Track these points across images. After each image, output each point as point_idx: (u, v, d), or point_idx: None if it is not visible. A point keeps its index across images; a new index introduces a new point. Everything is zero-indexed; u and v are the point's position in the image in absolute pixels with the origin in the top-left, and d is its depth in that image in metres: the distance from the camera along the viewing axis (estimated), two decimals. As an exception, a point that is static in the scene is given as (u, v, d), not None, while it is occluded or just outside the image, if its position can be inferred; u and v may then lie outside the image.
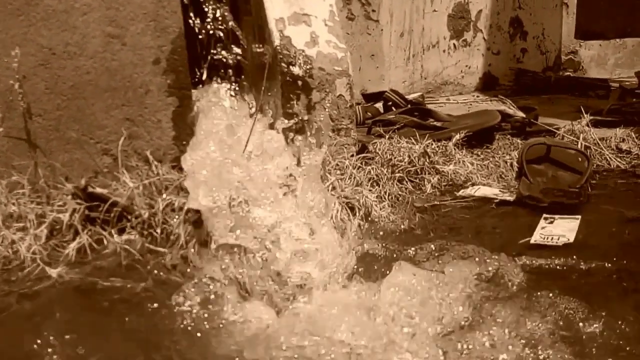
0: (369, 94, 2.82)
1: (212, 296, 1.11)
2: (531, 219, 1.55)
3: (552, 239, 1.41)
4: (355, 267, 1.24)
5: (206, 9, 1.94)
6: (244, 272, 1.18)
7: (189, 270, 1.29)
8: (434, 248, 1.32)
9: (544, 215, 1.52)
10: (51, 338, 1.08)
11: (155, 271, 1.30)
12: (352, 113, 1.85)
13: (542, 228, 1.46)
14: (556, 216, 1.51)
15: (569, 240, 1.40)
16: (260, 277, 1.18)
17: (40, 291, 1.25)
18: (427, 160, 1.82)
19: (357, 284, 1.13)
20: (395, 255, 1.33)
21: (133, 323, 1.12)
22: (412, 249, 1.34)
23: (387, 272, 1.13)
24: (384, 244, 1.38)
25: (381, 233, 1.47)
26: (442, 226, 1.54)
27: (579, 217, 1.50)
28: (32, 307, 1.20)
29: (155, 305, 1.15)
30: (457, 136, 1.97)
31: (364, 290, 1.09)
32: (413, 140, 1.89)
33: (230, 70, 2.04)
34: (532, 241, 1.41)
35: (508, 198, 1.67)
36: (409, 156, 1.81)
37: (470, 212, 1.62)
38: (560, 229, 1.45)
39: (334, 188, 1.60)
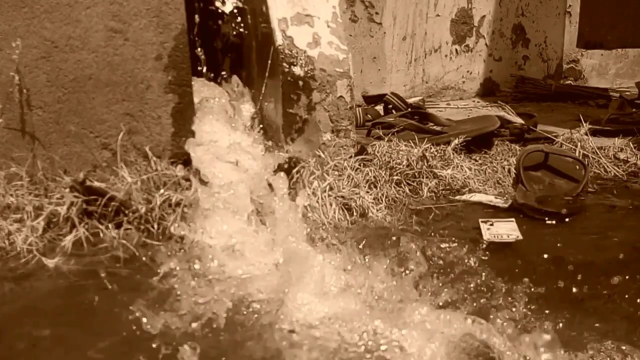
0: (369, 96, 2.83)
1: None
2: (524, 225, 1.57)
3: (502, 236, 1.47)
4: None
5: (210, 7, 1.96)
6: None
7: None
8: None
9: (481, 219, 1.56)
10: (45, 325, 1.08)
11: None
12: (352, 115, 1.86)
13: (488, 229, 1.51)
14: (492, 220, 1.56)
15: (518, 237, 1.47)
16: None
17: (36, 280, 1.26)
18: (425, 164, 1.82)
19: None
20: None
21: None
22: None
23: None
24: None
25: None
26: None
27: (513, 219, 1.56)
28: (27, 295, 1.21)
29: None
30: (456, 141, 1.97)
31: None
32: (412, 144, 1.90)
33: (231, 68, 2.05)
34: (485, 239, 1.46)
35: (502, 205, 1.67)
36: (408, 159, 1.82)
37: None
38: (503, 230, 1.51)
39: (331, 188, 1.61)
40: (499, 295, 1.18)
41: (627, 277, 1.25)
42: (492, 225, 1.52)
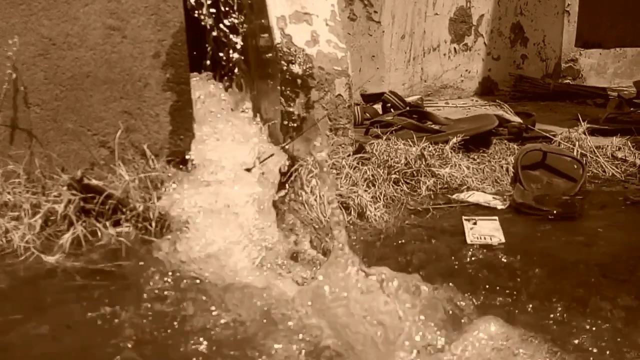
0: (368, 94, 2.83)
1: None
2: (522, 224, 1.57)
3: (485, 238, 1.45)
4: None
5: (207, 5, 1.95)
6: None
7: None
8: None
9: (464, 217, 1.54)
10: (43, 323, 1.08)
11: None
12: (350, 113, 1.86)
13: (471, 229, 1.49)
14: (476, 218, 1.54)
15: (501, 240, 1.45)
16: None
17: (34, 278, 1.26)
18: (424, 163, 1.82)
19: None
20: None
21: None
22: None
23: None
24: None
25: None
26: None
27: (496, 218, 1.54)
28: (25, 292, 1.21)
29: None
30: (454, 139, 1.97)
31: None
32: (410, 142, 1.90)
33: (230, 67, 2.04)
34: (468, 242, 1.44)
35: (500, 206, 1.67)
36: (406, 158, 1.81)
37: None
38: (486, 230, 1.49)
39: (329, 187, 1.60)
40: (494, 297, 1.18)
41: (624, 275, 1.26)
42: (475, 224, 1.51)
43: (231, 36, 2.01)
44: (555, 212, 1.60)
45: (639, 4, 3.17)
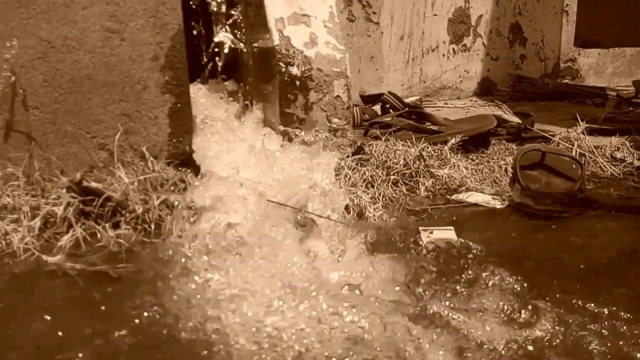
0: (367, 95, 2.83)
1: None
2: (520, 224, 1.57)
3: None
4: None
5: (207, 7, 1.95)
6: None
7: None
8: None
9: (420, 227, 1.52)
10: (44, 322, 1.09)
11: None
12: (349, 114, 1.86)
13: (427, 237, 1.46)
14: (432, 228, 1.52)
15: None
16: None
17: (34, 279, 1.26)
18: (422, 164, 1.83)
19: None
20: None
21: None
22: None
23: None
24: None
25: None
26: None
27: (452, 228, 1.51)
28: (25, 292, 1.21)
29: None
30: (453, 140, 1.98)
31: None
32: (409, 143, 1.90)
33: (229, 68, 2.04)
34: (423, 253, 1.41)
35: (499, 206, 1.67)
36: (405, 159, 1.82)
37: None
38: (441, 241, 1.44)
39: (328, 188, 1.61)
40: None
41: (620, 274, 1.26)
42: (431, 233, 1.49)
43: (230, 37, 2.01)
44: (553, 211, 1.61)
45: (638, 3, 3.17)
